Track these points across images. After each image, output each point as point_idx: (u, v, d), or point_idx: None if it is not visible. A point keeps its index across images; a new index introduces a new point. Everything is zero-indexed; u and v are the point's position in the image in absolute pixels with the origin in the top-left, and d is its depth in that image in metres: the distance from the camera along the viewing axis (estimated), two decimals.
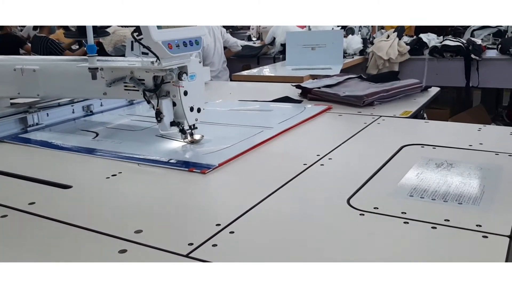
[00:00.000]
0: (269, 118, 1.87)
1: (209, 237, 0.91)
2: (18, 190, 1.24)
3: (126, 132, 1.72)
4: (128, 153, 1.44)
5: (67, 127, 1.83)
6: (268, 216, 1.01)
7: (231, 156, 1.36)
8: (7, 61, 1.82)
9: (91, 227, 0.97)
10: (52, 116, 1.86)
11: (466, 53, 4.20)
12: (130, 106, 2.13)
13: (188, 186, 1.23)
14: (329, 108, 1.96)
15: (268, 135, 1.57)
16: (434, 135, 1.57)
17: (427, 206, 1.02)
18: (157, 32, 1.25)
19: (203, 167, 1.28)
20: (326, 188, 1.17)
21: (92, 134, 1.69)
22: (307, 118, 1.81)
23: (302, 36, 4.27)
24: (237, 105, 2.17)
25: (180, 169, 1.30)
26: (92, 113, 2.00)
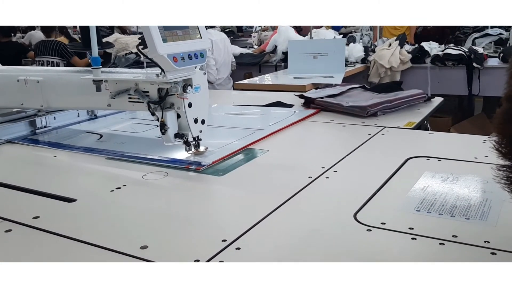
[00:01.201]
0: (261, 121, 2.00)
1: (215, 253, 0.90)
2: (22, 203, 1.23)
3: (128, 134, 1.83)
4: (130, 152, 1.55)
5: (73, 129, 1.95)
6: (274, 232, 1.01)
7: (223, 155, 1.48)
8: (10, 72, 1.82)
9: (97, 243, 0.96)
10: (59, 119, 1.98)
11: (468, 61, 4.20)
12: (132, 111, 2.15)
13: (192, 199, 1.23)
14: (318, 111, 2.09)
15: (259, 136, 1.70)
16: (439, 147, 1.56)
17: (434, 221, 1.02)
18: (162, 45, 1.25)
19: (198, 165, 1.40)
20: (333, 202, 1.16)
21: (97, 136, 1.81)
22: (297, 120, 1.94)
23: (303, 44, 4.27)
24: (231, 110, 2.28)
25: (177, 166, 1.41)
26: (96, 117, 2.11)
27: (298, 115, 2.03)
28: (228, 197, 1.26)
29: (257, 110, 2.20)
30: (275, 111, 2.18)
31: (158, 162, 1.46)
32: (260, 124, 1.88)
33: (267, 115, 2.12)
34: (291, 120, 1.94)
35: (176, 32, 1.30)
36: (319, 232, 1.00)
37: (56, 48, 5.07)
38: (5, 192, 1.31)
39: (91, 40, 1.41)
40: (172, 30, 1.29)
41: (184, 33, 1.32)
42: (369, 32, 5.07)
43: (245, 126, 1.85)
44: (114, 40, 6.02)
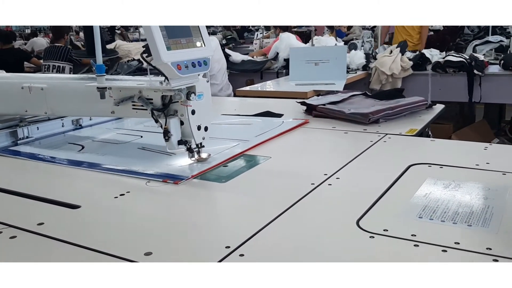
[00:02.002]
0: (247, 131, 1.93)
1: (218, 260, 0.91)
2: (26, 210, 1.24)
3: (110, 145, 1.80)
4: (110, 165, 1.51)
5: (56, 140, 1.89)
6: (278, 238, 1.01)
7: (203, 169, 1.43)
8: (15, 79, 1.84)
9: (101, 249, 0.97)
10: (42, 130, 1.92)
11: (469, 68, 4.21)
12: (118, 120, 2.17)
13: (196, 205, 1.24)
14: (306, 122, 2.05)
15: (243, 147, 1.65)
16: (441, 154, 1.57)
17: (436, 228, 1.02)
18: (166, 53, 1.26)
19: (176, 178, 1.36)
20: (335, 209, 1.17)
21: (78, 147, 1.77)
22: (284, 131, 1.89)
23: (305, 51, 4.29)
24: (219, 119, 2.21)
25: (155, 180, 1.37)
26: (81, 127, 2.06)
27: (286, 125, 1.98)
28: (231, 203, 1.27)
29: (244, 120, 2.15)
30: (263, 121, 2.11)
31: (136, 175, 1.40)
32: (246, 135, 1.81)
33: (253, 125, 2.05)
34: (277, 131, 1.88)
35: (180, 40, 1.31)
36: (322, 238, 1.00)
37: (65, 53, 5.10)
38: (9, 198, 1.31)
39: (95, 48, 1.42)
40: (176, 38, 1.30)
41: (188, 41, 1.34)
42: (370, 39, 5.09)
43: (229, 136, 1.78)
44: (117, 47, 6.05)
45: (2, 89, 1.81)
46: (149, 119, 2.01)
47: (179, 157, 1.53)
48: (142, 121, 2.11)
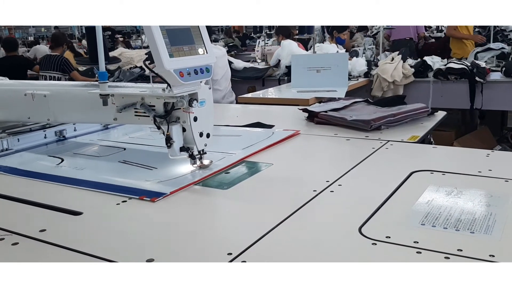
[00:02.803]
0: (235, 143, 1.83)
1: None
2: (28, 216, 1.24)
3: (91, 157, 1.73)
4: (86, 179, 1.44)
5: (37, 152, 1.82)
6: (280, 245, 1.01)
7: (184, 185, 1.36)
8: (18, 86, 1.85)
9: (103, 256, 0.97)
10: (23, 142, 1.85)
11: (471, 75, 4.22)
12: (105, 131, 2.12)
13: (198, 212, 1.24)
14: (297, 133, 1.96)
15: (228, 162, 1.57)
16: (443, 161, 1.57)
17: (439, 235, 1.02)
18: (169, 60, 1.27)
19: (154, 195, 1.29)
20: (337, 216, 1.17)
21: (58, 160, 1.69)
22: (274, 143, 1.80)
23: (307, 58, 4.30)
24: None
25: (131, 196, 1.29)
26: (64, 138, 1.99)
27: (275, 137, 1.89)
28: (233, 210, 1.27)
29: (233, 131, 2.06)
30: (252, 133, 2.04)
31: (112, 192, 1.34)
32: (233, 147, 1.72)
33: (242, 137, 1.97)
34: (266, 143, 1.80)
35: (182, 48, 1.32)
36: (324, 245, 1.00)
37: (58, 63, 5.15)
38: (11, 205, 1.32)
39: (98, 56, 1.43)
40: (179, 46, 1.31)
41: (190, 48, 1.34)
42: (371, 47, 5.11)
43: (215, 148, 1.62)
44: (119, 55, 6.08)
45: (5, 96, 1.82)
46: (135, 130, 2.05)
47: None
48: (128, 132, 2.07)
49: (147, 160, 1.62)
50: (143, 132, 2.06)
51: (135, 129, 2.08)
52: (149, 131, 2.03)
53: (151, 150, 1.78)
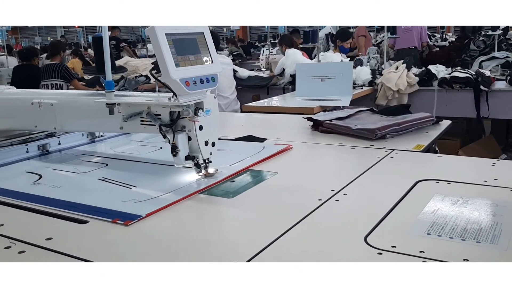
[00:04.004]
0: (223, 158, 1.68)
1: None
2: (35, 225, 1.24)
3: (70, 174, 1.65)
4: (60, 199, 1.37)
5: (15, 168, 1.73)
6: (285, 254, 1.01)
7: (162, 206, 1.28)
8: (25, 95, 1.86)
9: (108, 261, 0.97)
10: (3, 156, 1.77)
11: (475, 84, 4.22)
12: (91, 144, 2.06)
13: (203, 221, 1.24)
14: (289, 147, 1.87)
15: (214, 180, 1.47)
16: (448, 170, 1.57)
17: (445, 244, 1.02)
18: (175, 70, 1.28)
19: (127, 218, 1.20)
20: (343, 225, 1.17)
21: (36, 176, 1.60)
22: (263, 158, 1.72)
23: (311, 67, 4.32)
24: None
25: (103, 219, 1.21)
26: (48, 152, 1.90)
27: (266, 151, 1.81)
28: (238, 219, 1.27)
29: (223, 145, 1.83)
30: (242, 147, 1.94)
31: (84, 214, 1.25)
32: (220, 163, 1.57)
33: (232, 151, 1.85)
34: (256, 158, 1.72)
35: (188, 57, 1.33)
36: (329, 255, 1.00)
37: (59, 70, 5.14)
38: (17, 213, 1.32)
39: (105, 65, 1.44)
40: (185, 55, 1.32)
41: (196, 58, 1.36)
42: (376, 55, 5.12)
43: None
44: (125, 63, 6.12)
45: (12, 105, 1.84)
46: (122, 144, 2.02)
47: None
48: (115, 146, 2.01)
49: (128, 176, 1.56)
50: (130, 146, 2.02)
51: (122, 143, 2.06)
52: (136, 145, 2.00)
53: (134, 166, 1.73)
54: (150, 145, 1.95)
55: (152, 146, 1.94)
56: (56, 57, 5.50)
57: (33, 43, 17.84)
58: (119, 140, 2.10)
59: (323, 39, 8.08)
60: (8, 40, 12.90)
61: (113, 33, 10.30)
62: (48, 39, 18.38)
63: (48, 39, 18.26)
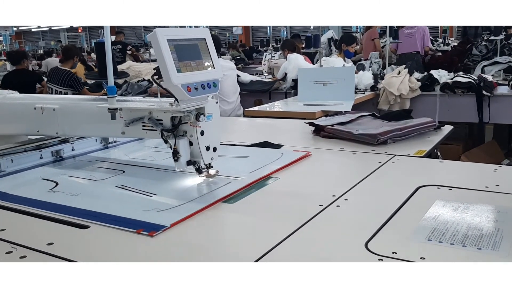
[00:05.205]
0: (242, 165, 1.73)
1: None
2: (36, 230, 1.25)
3: (87, 181, 1.62)
4: (79, 208, 1.33)
5: (30, 175, 1.70)
6: (286, 260, 1.01)
7: (185, 215, 1.24)
8: (27, 100, 1.87)
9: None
10: (17, 163, 1.75)
11: (478, 89, 4.22)
12: (104, 150, 2.03)
13: (204, 226, 1.24)
14: (308, 154, 1.85)
15: (235, 187, 1.45)
16: (450, 176, 1.57)
17: (446, 251, 1.02)
18: (177, 75, 1.28)
19: (152, 228, 1.17)
20: (344, 231, 1.16)
21: (52, 184, 1.57)
22: (284, 165, 1.69)
23: (313, 72, 4.32)
24: None
25: (127, 230, 1.17)
26: (62, 159, 1.89)
27: (285, 158, 1.78)
28: (239, 224, 1.27)
29: (240, 152, 1.93)
30: (260, 154, 1.92)
31: (105, 224, 1.22)
32: (240, 171, 1.61)
33: (250, 158, 1.84)
34: (276, 165, 1.68)
35: (190, 63, 1.34)
36: (330, 261, 1.00)
37: (67, 78, 5.07)
38: (18, 218, 1.33)
39: (107, 70, 1.45)
40: (186, 61, 1.33)
41: (198, 63, 1.36)
42: (378, 60, 5.12)
43: (220, 172, 1.53)
44: (128, 68, 6.13)
45: (15, 110, 1.85)
46: (136, 150, 2.01)
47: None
48: (129, 152, 1.99)
49: (146, 184, 1.54)
50: (144, 151, 2.00)
51: (136, 149, 2.04)
52: (150, 151, 1.97)
53: (152, 172, 1.70)
54: (165, 151, 1.86)
55: (167, 152, 1.83)
56: (68, 62, 5.43)
57: (36, 47, 17.93)
58: (133, 145, 2.08)
59: (326, 44, 8.10)
60: (11, 44, 12.97)
61: (118, 37, 10.35)
62: (52, 43, 18.47)
63: (52, 43, 18.35)
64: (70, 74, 5.15)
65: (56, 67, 5.44)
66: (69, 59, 5.46)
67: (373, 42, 6.97)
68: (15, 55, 6.40)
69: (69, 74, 5.14)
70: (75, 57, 5.59)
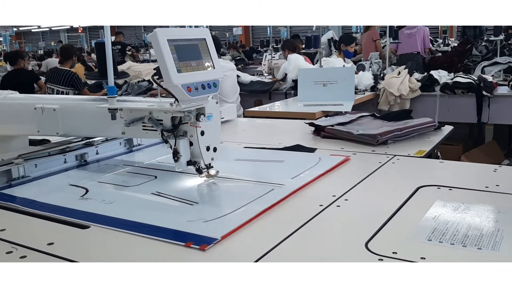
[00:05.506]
0: (280, 171, 1.66)
1: None
2: (36, 230, 1.25)
3: (119, 188, 1.54)
4: (118, 217, 1.25)
5: (56, 181, 1.63)
6: (286, 260, 1.01)
7: (235, 226, 1.16)
8: (27, 100, 1.87)
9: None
10: (41, 167, 1.68)
11: (478, 89, 4.22)
12: (129, 154, 1.97)
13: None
14: (347, 159, 1.76)
15: (280, 195, 1.37)
16: (450, 176, 1.57)
17: (446, 251, 1.02)
18: (177, 76, 1.28)
19: (203, 242, 1.08)
20: (344, 231, 1.17)
21: (82, 190, 1.50)
22: (323, 172, 1.60)
23: (313, 72, 4.33)
24: (243, 153, 1.95)
25: (175, 243, 1.09)
26: (86, 163, 1.82)
27: (324, 164, 1.69)
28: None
29: (273, 156, 1.86)
30: (296, 158, 1.84)
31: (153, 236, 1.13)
32: (279, 177, 1.53)
33: (286, 162, 1.77)
34: (317, 171, 1.59)
35: (190, 63, 1.34)
36: (330, 261, 1.00)
37: (69, 78, 5.11)
38: (18, 218, 1.33)
39: (107, 70, 1.45)
40: (186, 61, 1.33)
41: (198, 64, 1.36)
42: (378, 61, 5.13)
43: (260, 179, 1.50)
44: (128, 68, 6.14)
45: (15, 110, 1.85)
46: (162, 154, 1.89)
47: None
48: (154, 156, 1.89)
49: (183, 190, 1.47)
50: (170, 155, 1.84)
51: (162, 153, 1.88)
52: None
53: (186, 178, 1.59)
54: None
55: None
56: (68, 62, 5.45)
57: (36, 48, 17.93)
58: (157, 149, 1.99)
59: (326, 44, 8.10)
60: (12, 44, 12.97)
61: (118, 38, 10.37)
62: (52, 43, 18.47)
63: (52, 44, 18.35)
64: (72, 74, 5.19)
65: (56, 67, 5.45)
66: (68, 59, 5.48)
67: (374, 43, 6.97)
68: (11, 55, 6.45)
69: (70, 73, 5.18)
70: (73, 56, 5.62)
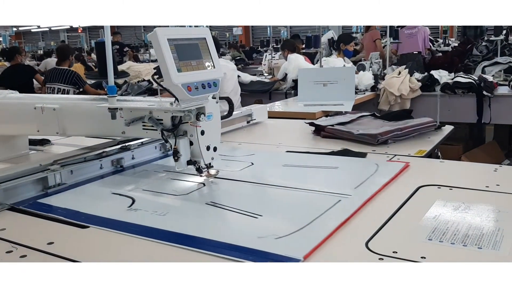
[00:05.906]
0: (338, 179, 1.55)
1: None
2: (36, 229, 1.25)
3: (168, 197, 1.42)
4: (180, 232, 1.13)
5: (95, 189, 1.53)
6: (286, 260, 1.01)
7: (315, 244, 1.03)
8: (27, 99, 1.87)
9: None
10: (77, 174, 1.59)
11: (478, 89, 4.22)
12: (165, 159, 1.86)
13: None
14: (407, 166, 1.62)
15: (352, 207, 1.24)
16: (450, 176, 1.57)
17: (446, 250, 1.02)
18: (177, 75, 1.28)
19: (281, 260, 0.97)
20: (344, 230, 1.16)
21: (127, 200, 1.39)
22: (389, 180, 1.46)
23: (313, 72, 4.32)
24: (289, 159, 1.83)
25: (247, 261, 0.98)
26: (122, 168, 1.73)
27: (384, 172, 1.55)
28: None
29: (324, 162, 1.74)
30: (350, 164, 1.72)
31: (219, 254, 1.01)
32: (340, 186, 1.42)
33: (340, 169, 1.65)
34: (380, 180, 1.46)
35: (190, 62, 1.34)
36: (330, 261, 1.00)
37: (70, 76, 5.18)
38: (19, 217, 1.33)
39: (107, 70, 1.45)
40: (187, 61, 1.33)
41: (198, 63, 1.36)
42: (378, 60, 5.12)
43: (321, 188, 1.40)
44: (128, 68, 6.14)
45: (15, 109, 1.84)
46: None
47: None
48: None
49: (240, 200, 1.36)
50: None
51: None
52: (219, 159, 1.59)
53: (238, 186, 1.49)
54: (237, 160, 1.77)
55: (241, 162, 1.73)
56: (65, 62, 5.50)
57: (36, 48, 17.93)
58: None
59: (326, 44, 8.10)
60: (11, 45, 12.98)
61: (115, 38, 10.36)
62: (52, 43, 18.46)
63: (52, 44, 18.35)
64: (72, 72, 5.28)
65: (55, 67, 5.50)
66: (65, 59, 5.53)
67: (375, 43, 6.98)
68: (8, 51, 6.53)
69: (71, 71, 5.27)
70: (70, 56, 5.67)
